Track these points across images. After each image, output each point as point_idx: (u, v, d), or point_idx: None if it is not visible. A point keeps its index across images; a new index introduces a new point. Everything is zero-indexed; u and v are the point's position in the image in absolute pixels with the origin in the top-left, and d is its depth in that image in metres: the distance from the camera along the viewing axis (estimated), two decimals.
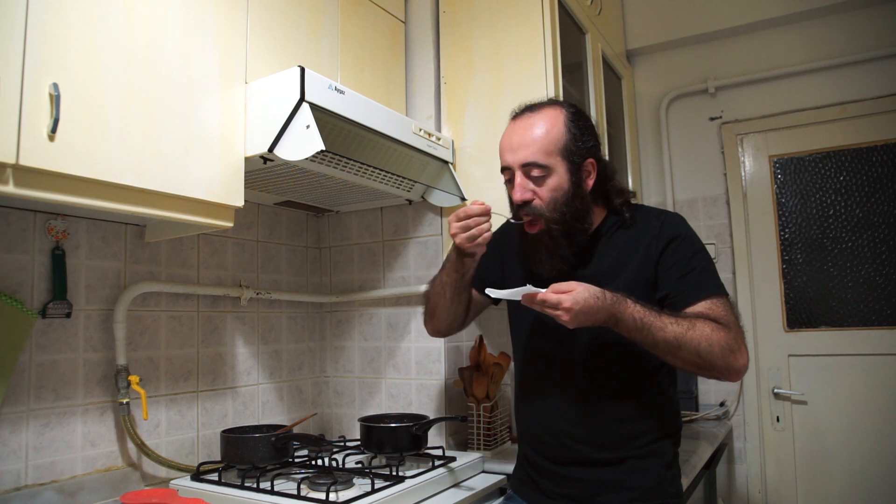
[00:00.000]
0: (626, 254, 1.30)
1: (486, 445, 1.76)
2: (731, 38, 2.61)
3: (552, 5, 1.82)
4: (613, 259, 1.31)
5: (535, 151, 1.25)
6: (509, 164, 1.29)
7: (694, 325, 1.15)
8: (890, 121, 2.33)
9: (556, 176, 1.26)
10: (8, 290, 1.28)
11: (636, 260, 1.28)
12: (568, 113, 1.31)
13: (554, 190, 1.26)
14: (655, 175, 2.76)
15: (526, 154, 1.26)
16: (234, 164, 1.35)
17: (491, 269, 1.48)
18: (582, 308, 1.11)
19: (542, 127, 1.27)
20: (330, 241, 2.11)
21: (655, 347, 1.16)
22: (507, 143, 1.30)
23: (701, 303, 1.20)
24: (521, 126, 1.30)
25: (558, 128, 1.27)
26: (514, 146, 1.28)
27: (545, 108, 1.31)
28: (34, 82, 0.99)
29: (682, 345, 1.14)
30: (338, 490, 1.32)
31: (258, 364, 1.85)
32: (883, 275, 2.31)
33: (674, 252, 1.25)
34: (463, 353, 1.94)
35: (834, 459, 2.34)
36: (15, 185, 0.98)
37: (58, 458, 1.34)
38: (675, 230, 1.28)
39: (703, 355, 1.14)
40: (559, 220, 1.26)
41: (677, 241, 1.26)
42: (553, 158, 1.26)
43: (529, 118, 1.30)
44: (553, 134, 1.27)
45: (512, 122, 1.34)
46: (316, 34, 1.63)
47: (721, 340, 1.15)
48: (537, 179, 1.26)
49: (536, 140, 1.26)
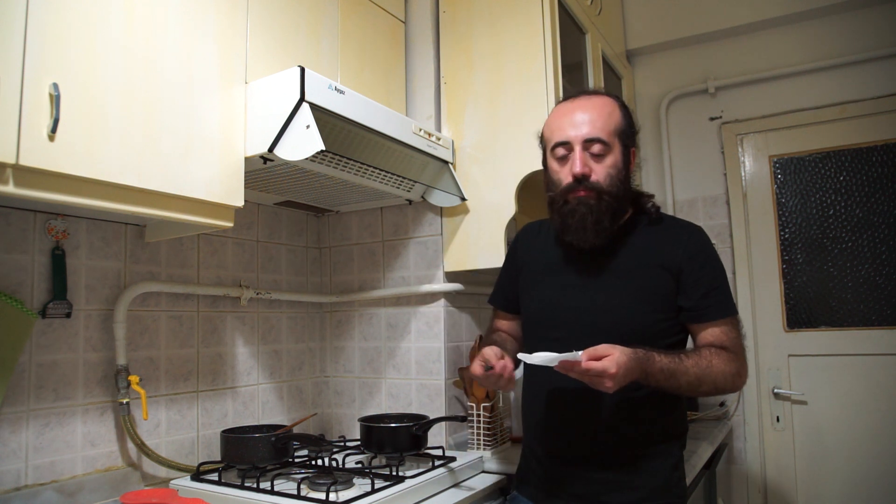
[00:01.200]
0: (648, 256, 1.32)
1: (486, 445, 1.76)
2: (731, 38, 2.61)
3: (552, 5, 1.82)
4: (636, 259, 1.33)
5: (600, 128, 1.30)
6: (570, 138, 1.31)
7: (711, 362, 1.24)
8: (890, 121, 2.33)
9: (613, 155, 1.31)
10: (8, 290, 1.28)
11: (657, 265, 1.31)
12: (619, 102, 1.38)
13: (610, 167, 1.30)
14: (655, 175, 2.76)
15: (591, 130, 1.29)
16: (234, 164, 1.35)
17: (508, 287, 1.54)
18: (624, 372, 1.13)
19: (606, 108, 1.33)
20: (330, 241, 2.11)
21: (679, 389, 1.23)
22: (569, 120, 1.32)
23: (718, 321, 1.29)
24: (582, 105, 1.33)
25: (616, 112, 1.34)
26: (576, 122, 1.31)
27: (601, 95, 1.38)
28: (34, 82, 0.99)
29: (702, 382, 1.23)
30: (338, 490, 1.32)
31: (258, 364, 1.85)
32: (883, 275, 2.31)
33: (700, 268, 1.30)
34: (463, 353, 1.94)
35: (834, 459, 2.34)
36: (15, 185, 0.98)
37: (58, 458, 1.34)
38: (702, 246, 1.33)
39: (719, 387, 1.26)
40: (613, 194, 1.30)
41: (703, 258, 1.31)
42: (612, 138, 1.31)
43: (589, 99, 1.35)
44: (615, 116, 1.33)
45: (569, 103, 1.37)
46: (316, 34, 1.63)
47: (732, 370, 1.25)
48: (597, 157, 1.30)
49: (601, 118, 1.31)
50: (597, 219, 1.28)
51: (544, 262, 1.44)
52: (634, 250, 1.34)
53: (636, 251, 1.34)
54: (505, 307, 1.55)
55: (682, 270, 1.30)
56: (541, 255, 1.46)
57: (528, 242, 1.52)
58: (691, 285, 1.29)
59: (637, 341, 1.25)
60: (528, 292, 1.46)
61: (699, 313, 1.29)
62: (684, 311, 1.30)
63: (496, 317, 1.59)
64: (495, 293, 1.59)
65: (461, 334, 1.95)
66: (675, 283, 1.30)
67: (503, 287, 1.56)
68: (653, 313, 1.29)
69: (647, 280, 1.30)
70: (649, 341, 1.26)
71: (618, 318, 1.29)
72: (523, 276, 1.48)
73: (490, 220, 1.82)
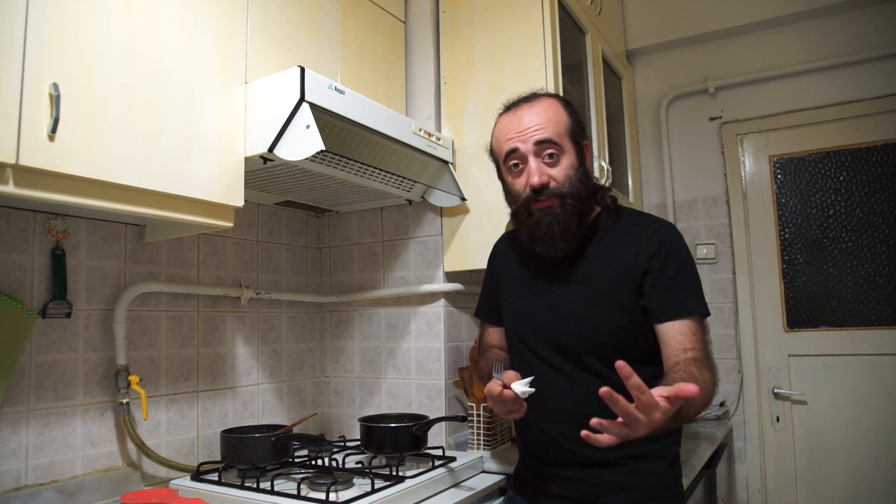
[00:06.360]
0: (615, 259, 1.30)
1: (486, 445, 1.76)
2: (731, 38, 2.61)
3: (552, 5, 1.82)
4: (603, 263, 1.31)
5: (549, 131, 1.27)
6: (519, 147, 1.28)
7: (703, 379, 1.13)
8: (890, 121, 2.33)
9: (568, 156, 1.28)
10: (8, 290, 1.28)
11: (625, 265, 1.28)
12: (561, 100, 1.35)
13: (567, 169, 1.28)
14: (655, 175, 2.76)
15: (540, 134, 1.27)
16: (234, 164, 1.35)
17: (491, 298, 1.54)
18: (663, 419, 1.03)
19: (549, 110, 1.30)
20: (330, 241, 2.11)
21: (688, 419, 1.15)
22: (515, 129, 1.30)
23: (678, 320, 1.22)
24: (525, 112, 1.31)
25: (561, 111, 1.31)
26: (523, 130, 1.29)
27: (541, 97, 1.34)
28: (34, 82, 0.99)
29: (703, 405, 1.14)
30: (338, 490, 1.32)
31: (258, 364, 1.85)
32: (883, 275, 2.31)
33: (663, 265, 1.26)
34: (463, 353, 1.94)
35: (834, 459, 2.34)
36: (15, 185, 0.98)
37: (58, 458, 1.34)
38: (667, 242, 1.28)
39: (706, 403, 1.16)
40: (575, 196, 1.27)
41: (666, 254, 1.26)
42: (563, 139, 1.28)
43: (531, 105, 1.32)
44: (560, 115, 1.30)
45: (511, 112, 1.35)
46: (316, 34, 1.63)
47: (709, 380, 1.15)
48: (551, 161, 1.27)
49: (548, 120, 1.28)
50: (564, 226, 1.26)
51: (517, 273, 1.44)
52: (602, 254, 1.32)
53: (604, 254, 1.31)
54: (490, 319, 1.55)
55: (646, 270, 1.26)
56: (514, 266, 1.46)
57: (502, 254, 1.52)
58: (652, 284, 1.25)
59: (609, 347, 1.24)
60: (504, 303, 1.47)
61: (659, 311, 1.24)
62: (648, 312, 1.25)
63: (484, 330, 1.59)
64: (480, 306, 1.59)
65: (461, 334, 1.95)
66: (640, 285, 1.27)
67: (486, 299, 1.56)
68: (621, 318, 1.27)
69: (615, 284, 1.27)
70: (622, 346, 1.24)
71: (587, 326, 1.28)
72: (501, 288, 1.48)
73: (490, 220, 1.82)
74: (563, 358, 1.31)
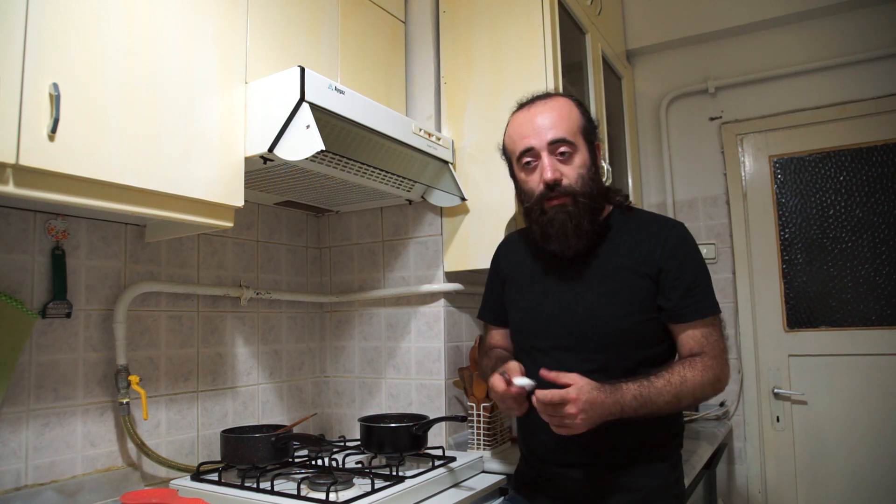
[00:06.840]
0: (628, 257, 1.31)
1: (487, 445, 1.76)
2: (731, 38, 2.61)
3: (552, 5, 1.82)
4: (616, 261, 1.31)
5: (563, 129, 1.29)
6: (533, 145, 1.30)
7: (684, 377, 1.20)
8: (890, 121, 2.33)
9: (581, 154, 1.30)
10: (8, 290, 1.28)
11: (637, 265, 1.29)
12: (574, 100, 1.38)
13: (580, 167, 1.29)
14: (655, 175, 2.76)
15: (554, 133, 1.29)
16: (234, 164, 1.35)
17: (495, 300, 1.54)
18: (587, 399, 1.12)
19: (563, 109, 1.32)
20: (330, 241, 2.11)
21: (660, 410, 1.19)
22: (530, 127, 1.32)
23: (698, 322, 1.26)
24: (539, 110, 1.33)
25: (574, 110, 1.34)
26: (537, 128, 1.30)
27: (555, 97, 1.37)
28: (34, 82, 0.99)
29: (680, 399, 1.20)
30: (338, 490, 1.32)
31: (258, 364, 1.85)
32: (883, 275, 2.31)
33: (680, 267, 1.28)
34: (463, 353, 1.94)
35: (834, 459, 2.34)
36: (15, 185, 0.98)
37: (58, 458, 1.34)
38: (682, 244, 1.30)
39: (699, 397, 1.23)
40: (588, 195, 1.29)
41: (682, 257, 1.29)
42: (577, 137, 1.30)
43: (545, 103, 1.34)
44: (573, 114, 1.33)
45: (525, 110, 1.36)
46: (316, 34, 1.63)
47: (710, 377, 1.22)
48: (564, 159, 1.29)
49: (562, 119, 1.30)
50: (577, 224, 1.27)
51: (526, 272, 1.44)
52: (614, 252, 1.32)
53: (616, 253, 1.32)
54: (495, 321, 1.55)
55: (662, 270, 1.28)
56: (522, 264, 1.46)
57: (509, 253, 1.52)
58: (671, 285, 1.27)
59: (622, 345, 1.26)
60: (512, 303, 1.46)
61: (679, 313, 1.27)
62: (664, 312, 1.28)
63: (488, 332, 1.59)
64: (483, 308, 1.59)
65: (461, 334, 1.95)
66: (655, 283, 1.28)
67: (490, 300, 1.56)
68: (635, 315, 1.28)
69: (628, 282, 1.29)
70: (634, 345, 1.26)
71: (600, 323, 1.29)
72: (507, 288, 1.48)
73: (490, 220, 1.82)
74: (573, 355, 1.31)
